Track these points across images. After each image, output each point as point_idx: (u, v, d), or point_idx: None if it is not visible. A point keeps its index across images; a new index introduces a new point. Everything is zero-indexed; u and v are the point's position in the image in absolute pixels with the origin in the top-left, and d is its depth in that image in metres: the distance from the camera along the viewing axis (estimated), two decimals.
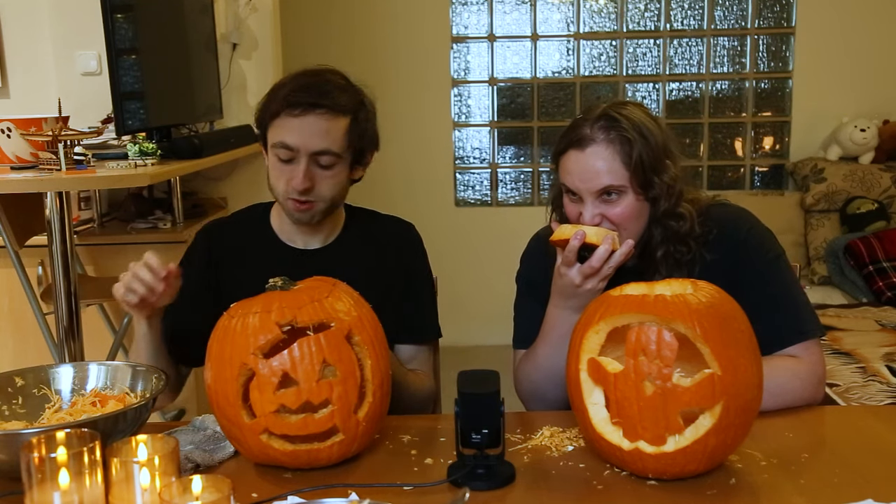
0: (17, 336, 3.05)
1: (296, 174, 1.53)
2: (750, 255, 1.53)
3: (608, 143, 1.47)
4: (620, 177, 1.47)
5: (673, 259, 1.53)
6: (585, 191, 1.48)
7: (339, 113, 1.54)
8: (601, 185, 1.47)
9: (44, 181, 2.46)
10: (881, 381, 2.81)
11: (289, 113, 1.51)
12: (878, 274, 3.88)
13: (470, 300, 4.41)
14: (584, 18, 4.51)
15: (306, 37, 4.42)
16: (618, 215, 1.49)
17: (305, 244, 1.67)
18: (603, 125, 1.48)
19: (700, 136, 4.60)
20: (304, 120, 1.51)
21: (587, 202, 1.49)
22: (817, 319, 1.54)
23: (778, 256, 1.56)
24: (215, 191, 3.65)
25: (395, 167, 4.40)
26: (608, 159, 1.47)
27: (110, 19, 2.71)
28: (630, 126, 1.48)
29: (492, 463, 1.18)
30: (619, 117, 1.49)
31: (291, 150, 1.53)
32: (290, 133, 1.52)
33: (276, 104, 1.53)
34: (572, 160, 1.50)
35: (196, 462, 1.26)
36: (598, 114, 1.50)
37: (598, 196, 1.48)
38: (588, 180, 1.48)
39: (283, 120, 1.52)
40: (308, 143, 1.52)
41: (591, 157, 1.48)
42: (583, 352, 1.22)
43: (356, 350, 1.24)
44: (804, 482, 1.17)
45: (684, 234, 1.52)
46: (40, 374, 1.40)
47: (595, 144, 1.48)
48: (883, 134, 4.30)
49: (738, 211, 1.61)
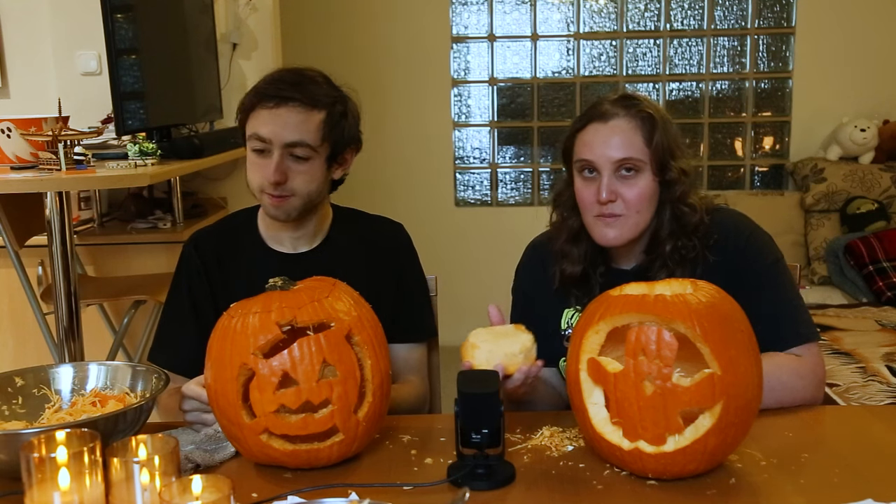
0: (17, 336, 3.05)
1: (265, 167, 1.54)
2: (750, 261, 1.53)
3: (630, 118, 1.50)
4: (641, 151, 1.49)
5: (679, 254, 1.53)
6: (606, 160, 1.48)
7: (313, 106, 1.54)
8: (622, 155, 1.48)
9: (44, 181, 2.46)
10: (881, 381, 2.81)
11: (263, 105, 1.53)
12: (878, 274, 3.88)
13: (470, 300, 4.38)
14: (584, 18, 4.51)
15: (306, 37, 4.42)
16: (634, 195, 1.49)
17: (294, 247, 1.66)
18: (623, 103, 1.52)
19: (700, 136, 4.60)
20: (278, 112, 1.53)
21: (604, 176, 1.49)
22: (814, 325, 1.55)
23: (777, 261, 1.56)
24: (215, 191, 3.65)
25: (395, 167, 4.40)
26: (630, 133, 1.49)
27: (110, 19, 2.71)
28: (650, 106, 1.52)
29: (492, 463, 1.18)
30: (638, 97, 1.53)
31: (265, 142, 1.54)
32: (264, 124, 1.53)
33: (251, 97, 1.55)
34: (592, 132, 1.51)
35: (196, 462, 1.26)
36: (615, 96, 1.54)
37: (617, 170, 1.49)
38: (610, 148, 1.48)
39: (257, 112, 1.54)
40: (281, 135, 1.53)
41: (614, 128, 1.50)
42: (583, 352, 1.22)
43: (356, 350, 1.24)
44: (804, 482, 1.17)
45: (693, 226, 1.53)
46: (40, 374, 1.40)
47: (618, 118, 1.50)
48: (883, 134, 4.30)
49: (736, 216, 1.62)
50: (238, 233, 1.69)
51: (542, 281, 1.65)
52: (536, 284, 1.66)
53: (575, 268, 1.59)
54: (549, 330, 1.63)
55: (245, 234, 1.68)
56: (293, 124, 1.53)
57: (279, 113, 1.53)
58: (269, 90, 1.53)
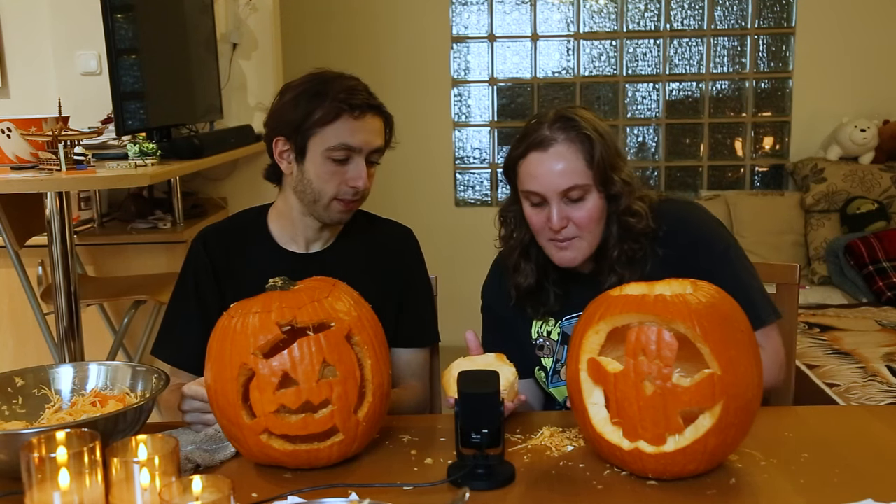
0: (17, 336, 3.05)
1: (355, 174, 1.57)
2: (700, 251, 1.54)
3: (569, 143, 1.49)
4: (584, 175, 1.49)
5: (626, 257, 1.55)
6: (552, 192, 1.49)
7: (381, 112, 1.61)
8: (568, 184, 1.48)
9: (44, 181, 2.46)
10: (881, 381, 2.81)
11: (349, 115, 1.55)
12: (878, 274, 3.88)
13: (470, 300, 4.38)
14: (584, 18, 4.51)
15: (306, 37, 4.42)
16: (583, 217, 1.51)
17: (306, 248, 1.67)
18: (561, 126, 1.50)
19: (700, 136, 4.59)
20: (365, 120, 1.57)
21: (553, 205, 1.50)
22: (772, 304, 1.57)
23: (728, 247, 1.58)
24: (215, 191, 3.65)
25: (395, 167, 4.38)
26: (571, 158, 1.49)
27: (110, 19, 2.71)
28: (588, 125, 1.51)
29: (492, 463, 1.18)
30: (575, 117, 1.51)
31: (352, 150, 1.56)
32: (353, 134, 1.55)
33: (328, 109, 1.54)
34: (535, 162, 1.50)
35: (196, 462, 1.26)
36: (552, 116, 1.52)
37: (563, 197, 1.49)
38: (553, 180, 1.48)
39: (342, 122, 1.55)
40: (370, 142, 1.57)
41: (554, 156, 1.49)
42: (583, 352, 1.22)
43: (356, 350, 1.24)
44: (804, 482, 1.17)
45: (639, 232, 1.54)
46: (40, 374, 1.40)
47: (557, 144, 1.49)
48: (883, 134, 4.30)
49: (686, 206, 1.64)
50: (248, 231, 1.70)
51: (504, 296, 1.67)
52: (500, 300, 1.68)
53: (529, 280, 1.61)
54: (521, 342, 1.66)
55: (255, 233, 1.69)
56: (376, 131, 1.59)
57: (367, 121, 1.57)
58: (352, 100, 1.55)
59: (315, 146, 1.56)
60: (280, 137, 1.59)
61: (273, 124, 1.61)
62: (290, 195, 1.63)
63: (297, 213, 1.63)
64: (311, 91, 1.57)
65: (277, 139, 1.60)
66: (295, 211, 1.63)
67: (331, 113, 1.54)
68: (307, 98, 1.56)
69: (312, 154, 1.57)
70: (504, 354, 1.40)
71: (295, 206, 1.63)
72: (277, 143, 1.60)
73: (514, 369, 1.37)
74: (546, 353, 1.65)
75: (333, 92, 1.55)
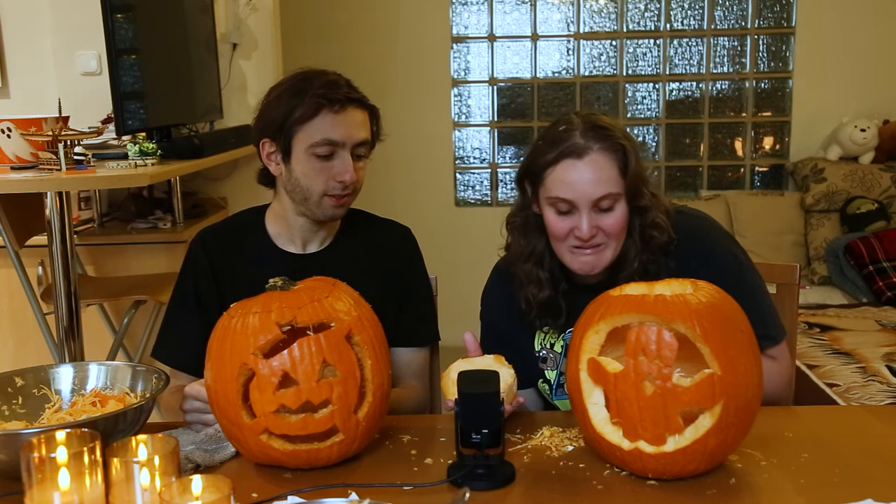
0: (17, 336, 3.05)
1: (341, 168, 1.55)
2: (714, 268, 1.51)
3: (604, 152, 1.47)
4: (617, 184, 1.48)
5: (644, 269, 1.54)
6: (584, 200, 1.47)
7: (364, 104, 1.59)
8: (602, 193, 1.46)
9: (44, 181, 2.46)
10: (881, 381, 2.81)
11: (329, 110, 1.54)
12: (878, 274, 3.88)
13: (470, 300, 4.38)
14: (584, 18, 4.51)
15: (306, 37, 4.42)
16: (612, 225, 1.49)
17: (304, 248, 1.67)
18: (595, 134, 1.48)
19: (700, 136, 4.59)
20: (346, 114, 1.55)
21: (583, 214, 1.48)
22: (780, 322, 1.57)
23: (741, 265, 1.57)
24: (215, 191, 3.65)
25: (395, 167, 4.40)
26: (607, 167, 1.47)
27: (110, 19, 2.71)
28: (621, 135, 1.49)
29: (492, 463, 1.18)
30: (607, 126, 1.49)
31: (335, 145, 1.55)
32: (335, 128, 1.54)
33: (308, 106, 1.53)
34: (568, 170, 1.47)
35: (196, 462, 1.26)
36: (583, 124, 1.49)
37: (594, 206, 1.48)
38: (587, 189, 1.46)
39: (322, 118, 1.54)
40: (353, 135, 1.56)
41: (590, 164, 1.47)
42: (583, 352, 1.22)
43: (356, 350, 1.24)
44: (804, 482, 1.17)
45: (659, 245, 1.53)
46: (40, 374, 1.40)
47: (593, 153, 1.47)
48: (883, 134, 4.30)
49: (698, 220, 1.62)
50: (246, 232, 1.69)
51: (509, 306, 1.64)
52: (505, 311, 1.66)
53: (544, 292, 1.58)
54: (524, 354, 1.64)
55: (253, 234, 1.68)
56: (359, 124, 1.57)
57: (347, 115, 1.55)
58: (331, 95, 1.54)
59: (299, 144, 1.56)
60: (266, 139, 1.59)
61: (259, 126, 1.60)
62: (283, 196, 1.63)
63: (291, 214, 1.63)
64: (292, 90, 1.56)
65: (264, 141, 1.60)
66: (289, 212, 1.63)
67: (311, 109, 1.54)
68: (288, 97, 1.56)
69: (297, 152, 1.56)
70: (503, 356, 1.40)
71: (289, 207, 1.63)
72: (264, 146, 1.60)
73: (513, 371, 1.36)
74: (550, 366, 1.64)
75: (313, 88, 1.54)
